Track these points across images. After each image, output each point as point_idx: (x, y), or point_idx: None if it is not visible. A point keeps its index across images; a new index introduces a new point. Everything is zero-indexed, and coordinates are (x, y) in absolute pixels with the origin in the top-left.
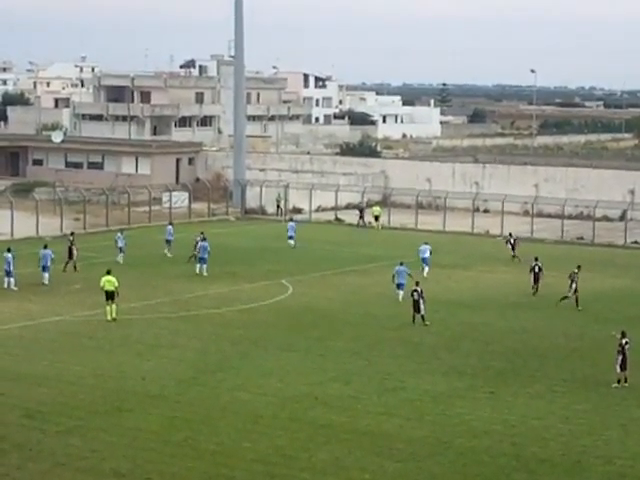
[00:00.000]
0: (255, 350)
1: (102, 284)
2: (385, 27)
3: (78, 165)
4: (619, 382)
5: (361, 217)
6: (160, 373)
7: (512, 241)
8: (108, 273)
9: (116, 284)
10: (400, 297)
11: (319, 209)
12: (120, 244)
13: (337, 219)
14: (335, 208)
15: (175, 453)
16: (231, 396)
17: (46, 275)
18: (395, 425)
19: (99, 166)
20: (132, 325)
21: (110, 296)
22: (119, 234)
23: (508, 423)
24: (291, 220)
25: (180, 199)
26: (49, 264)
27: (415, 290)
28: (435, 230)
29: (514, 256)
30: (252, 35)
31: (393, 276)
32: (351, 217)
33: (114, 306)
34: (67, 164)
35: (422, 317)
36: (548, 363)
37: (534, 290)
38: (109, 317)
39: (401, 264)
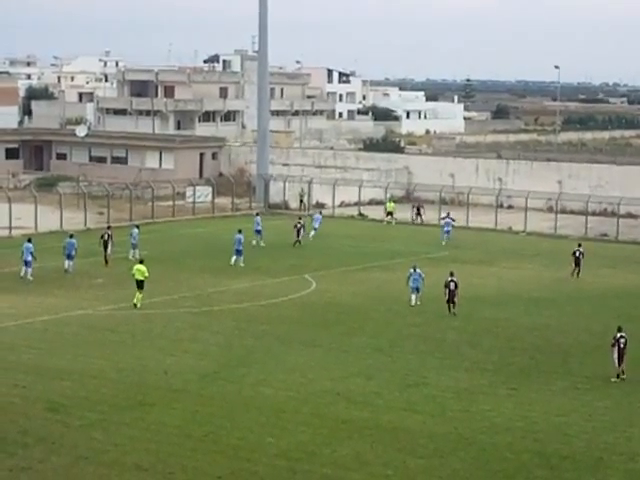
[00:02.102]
0: (278, 345)
1: (133, 272)
2: (409, 22)
3: (102, 159)
4: (618, 377)
5: (418, 214)
6: (182, 367)
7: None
8: (141, 262)
9: (146, 274)
10: (413, 301)
11: (342, 204)
12: (133, 240)
13: (360, 214)
14: (358, 203)
15: (197, 448)
16: (254, 391)
17: (69, 263)
18: (417, 421)
19: (123, 161)
20: (155, 319)
21: (139, 284)
22: (135, 229)
23: (530, 420)
24: (320, 213)
25: (204, 194)
26: (73, 253)
27: (452, 280)
28: (458, 226)
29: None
30: (276, 30)
31: (407, 278)
32: (375, 212)
33: (140, 295)
34: (91, 158)
35: (452, 306)
36: (571, 360)
37: (575, 274)
38: (136, 302)
39: (414, 269)
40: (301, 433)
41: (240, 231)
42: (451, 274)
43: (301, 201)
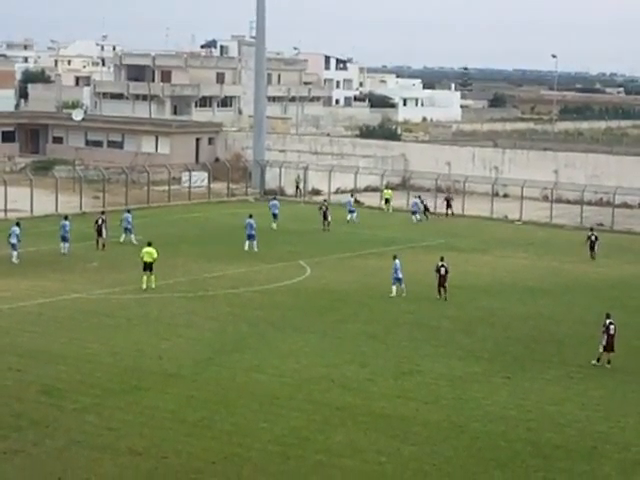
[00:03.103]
0: (272, 331)
1: (142, 255)
2: (406, 10)
3: (98, 143)
4: (598, 360)
5: (448, 206)
6: (177, 352)
7: (424, 203)
8: (149, 245)
9: (155, 256)
10: (403, 292)
11: (338, 191)
12: (127, 224)
13: (356, 201)
14: (354, 190)
15: (191, 432)
16: (248, 377)
17: (64, 245)
18: (411, 408)
19: (119, 145)
20: (150, 304)
21: (148, 267)
22: (127, 214)
23: (524, 408)
24: (351, 195)
25: (199, 179)
26: (68, 235)
27: (442, 265)
28: (455, 214)
29: (427, 214)
30: (274, 16)
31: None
32: (371, 199)
33: (152, 277)
34: (87, 142)
35: (443, 291)
36: (565, 349)
37: (591, 257)
38: (144, 286)
39: (395, 257)
40: (295, 419)
41: (251, 216)
42: (441, 259)
43: (297, 187)
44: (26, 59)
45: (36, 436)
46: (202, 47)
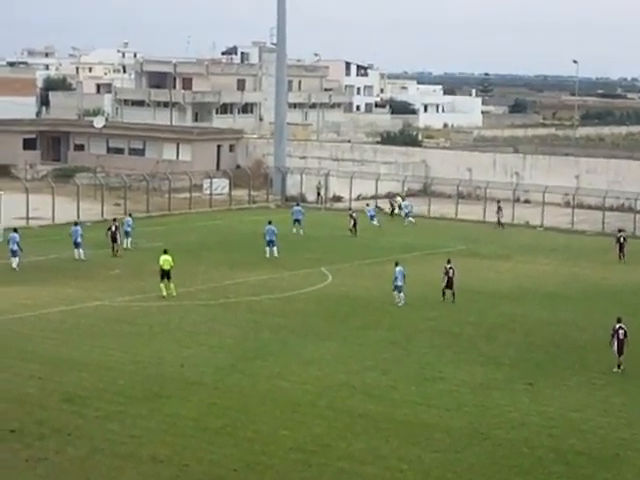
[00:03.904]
0: (294, 338)
1: (161, 263)
2: (427, 16)
3: (119, 151)
4: (619, 366)
5: (499, 213)
6: (199, 360)
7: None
8: (165, 252)
9: (172, 263)
10: (399, 301)
11: (359, 197)
12: (127, 228)
13: (377, 208)
14: (375, 197)
15: (213, 440)
16: (269, 384)
17: (76, 251)
18: (433, 415)
19: (140, 152)
20: (171, 312)
21: (166, 274)
22: (128, 217)
23: (546, 415)
24: (376, 206)
25: (221, 186)
26: (79, 240)
27: (451, 267)
28: (475, 220)
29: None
30: (294, 23)
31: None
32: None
33: (172, 285)
34: (108, 149)
35: (453, 294)
36: (587, 355)
37: (620, 259)
38: (164, 293)
39: (397, 264)
40: (316, 426)
41: (270, 222)
42: (448, 261)
43: (318, 194)
44: (47, 66)
45: (58, 444)
46: (223, 54)
